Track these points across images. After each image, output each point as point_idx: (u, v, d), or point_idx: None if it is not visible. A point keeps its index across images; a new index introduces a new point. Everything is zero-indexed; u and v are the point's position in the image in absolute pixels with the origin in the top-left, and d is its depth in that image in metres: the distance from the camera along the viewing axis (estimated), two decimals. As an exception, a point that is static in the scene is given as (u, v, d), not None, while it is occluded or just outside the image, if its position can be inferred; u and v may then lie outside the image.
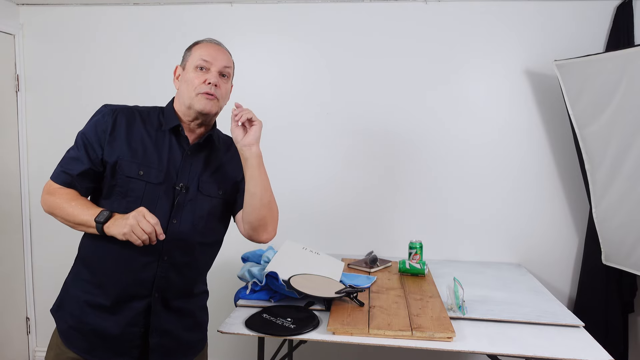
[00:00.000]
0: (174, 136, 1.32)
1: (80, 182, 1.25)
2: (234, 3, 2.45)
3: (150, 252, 1.25)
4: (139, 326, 1.28)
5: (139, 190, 1.25)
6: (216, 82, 1.29)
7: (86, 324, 1.27)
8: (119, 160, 1.25)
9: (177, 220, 1.28)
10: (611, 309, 2.19)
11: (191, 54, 1.34)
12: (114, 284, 1.25)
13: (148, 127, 1.31)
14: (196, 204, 1.31)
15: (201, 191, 1.31)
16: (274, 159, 2.47)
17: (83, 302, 1.27)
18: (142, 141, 1.28)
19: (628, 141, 1.88)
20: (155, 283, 1.27)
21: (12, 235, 2.58)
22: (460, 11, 2.34)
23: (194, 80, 1.29)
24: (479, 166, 2.39)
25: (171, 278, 1.29)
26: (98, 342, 1.27)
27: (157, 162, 1.28)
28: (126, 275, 1.25)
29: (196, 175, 1.32)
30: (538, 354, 1.36)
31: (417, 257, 2.10)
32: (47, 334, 2.70)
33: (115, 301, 1.25)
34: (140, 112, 1.33)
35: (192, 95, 1.28)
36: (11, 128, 2.55)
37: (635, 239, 1.94)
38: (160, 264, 1.27)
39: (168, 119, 1.33)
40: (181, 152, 1.31)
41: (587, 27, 2.27)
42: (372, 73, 2.41)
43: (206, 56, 1.31)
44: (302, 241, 2.20)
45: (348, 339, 1.43)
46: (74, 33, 2.54)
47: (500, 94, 2.36)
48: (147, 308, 1.27)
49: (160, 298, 1.28)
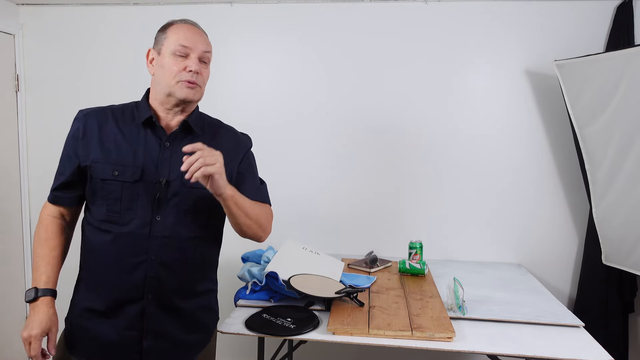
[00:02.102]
0: (149, 129, 1.26)
1: (62, 195, 1.29)
2: (234, 3, 2.45)
3: (138, 253, 1.22)
4: (136, 330, 1.24)
5: (117, 192, 1.21)
6: (197, 69, 1.22)
7: (86, 330, 1.25)
8: (92, 163, 1.22)
9: (160, 216, 1.23)
10: (611, 309, 2.19)
11: (167, 37, 1.25)
12: (107, 288, 1.24)
13: (121, 124, 1.26)
14: (181, 197, 1.24)
15: (185, 183, 1.22)
16: (274, 158, 2.48)
17: (82, 308, 1.26)
18: (115, 140, 1.24)
19: (628, 141, 1.88)
20: (146, 284, 1.23)
21: (12, 235, 2.58)
22: (461, 11, 2.34)
23: (173, 67, 1.21)
24: (479, 166, 2.39)
25: (163, 277, 1.24)
26: (99, 348, 1.25)
27: (132, 159, 1.23)
28: (117, 278, 1.23)
29: (179, 167, 1.17)
30: (538, 354, 1.36)
31: (417, 257, 2.10)
32: (47, 334, 2.72)
33: (111, 306, 1.23)
34: (113, 110, 1.29)
35: (172, 83, 1.22)
36: (11, 128, 2.55)
37: (636, 238, 1.94)
38: (149, 263, 1.22)
39: (141, 111, 1.28)
40: (158, 144, 1.25)
41: (587, 27, 2.27)
42: (372, 73, 2.41)
43: (184, 41, 1.23)
44: (302, 241, 2.20)
45: (348, 339, 1.43)
46: (74, 33, 2.54)
47: (500, 94, 2.36)
48: (142, 311, 1.24)
49: (154, 299, 1.24)
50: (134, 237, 1.22)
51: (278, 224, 2.30)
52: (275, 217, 1.63)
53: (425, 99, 2.39)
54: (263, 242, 2.22)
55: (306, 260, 1.94)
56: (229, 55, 2.46)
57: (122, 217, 1.22)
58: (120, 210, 1.22)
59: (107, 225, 1.23)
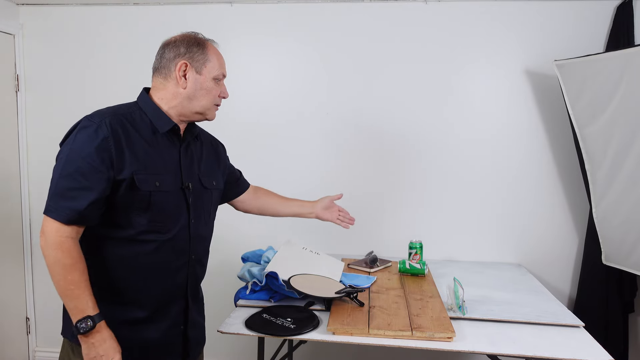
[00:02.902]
0: (164, 136, 1.28)
1: (90, 214, 1.14)
2: (234, 3, 2.45)
3: (182, 254, 1.29)
4: (179, 325, 1.33)
5: (160, 202, 1.22)
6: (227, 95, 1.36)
7: (129, 340, 1.22)
8: (134, 175, 1.17)
9: (194, 219, 1.31)
10: (611, 309, 2.19)
11: (208, 60, 1.28)
12: (149, 296, 1.24)
13: (141, 132, 1.23)
14: (202, 199, 1.34)
15: (203, 185, 1.35)
16: (274, 158, 2.48)
17: (120, 321, 1.21)
18: (144, 149, 1.21)
19: (628, 141, 1.88)
20: (188, 282, 1.32)
21: (12, 235, 2.58)
22: (461, 11, 2.34)
23: (213, 92, 1.31)
24: (479, 166, 2.39)
25: (198, 273, 1.37)
26: (145, 350, 1.27)
27: (163, 168, 1.24)
28: (161, 283, 1.26)
29: (195, 170, 1.34)
30: (538, 354, 1.36)
31: (417, 257, 2.10)
32: (47, 334, 2.73)
33: (155, 310, 1.26)
34: (124, 115, 1.22)
35: (209, 106, 1.31)
36: (11, 128, 2.55)
37: (636, 238, 1.94)
38: (190, 263, 1.32)
39: (160, 121, 1.26)
40: (177, 151, 1.30)
41: (587, 27, 2.27)
42: (372, 73, 2.41)
43: (224, 70, 1.34)
44: (302, 241, 2.20)
45: (348, 339, 1.43)
46: (74, 33, 2.54)
47: (500, 94, 2.36)
48: (185, 307, 1.33)
49: (191, 294, 1.34)
50: (177, 242, 1.28)
51: (278, 223, 2.32)
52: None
53: (425, 98, 2.39)
54: (263, 242, 2.24)
55: (306, 260, 1.94)
56: (229, 56, 2.43)
57: (165, 226, 1.24)
58: (163, 220, 1.24)
59: (148, 236, 1.22)
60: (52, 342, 2.70)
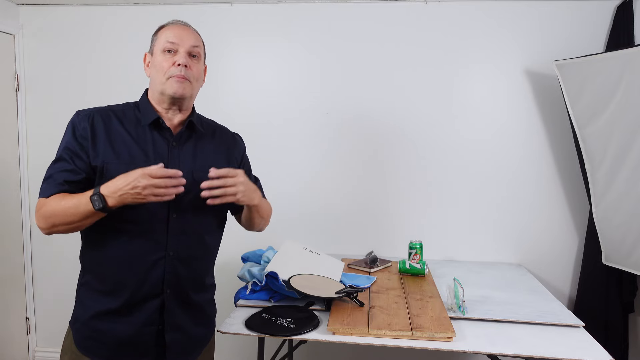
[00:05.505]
0: (155, 130, 1.28)
1: (75, 190, 1.20)
2: (234, 3, 2.45)
3: (156, 249, 1.25)
4: (155, 324, 1.28)
5: None
6: (185, 62, 1.25)
7: (102, 332, 1.25)
8: (105, 164, 1.21)
9: (176, 214, 1.26)
10: (611, 309, 2.19)
11: (157, 38, 1.30)
12: (124, 288, 1.24)
13: (126, 125, 1.26)
14: (192, 194, 1.27)
15: (197, 180, 1.25)
16: (274, 158, 2.48)
17: (95, 312, 1.25)
18: (124, 141, 1.24)
19: (628, 141, 1.88)
20: (165, 280, 1.26)
21: (12, 235, 2.58)
22: (461, 11, 2.34)
23: (163, 64, 1.25)
24: (479, 166, 2.39)
25: (181, 273, 1.28)
26: (117, 347, 1.26)
27: (143, 160, 1.24)
28: (136, 276, 1.24)
29: (188, 165, 1.28)
30: (538, 354, 1.36)
31: (417, 257, 2.10)
32: (47, 334, 2.73)
33: (128, 304, 1.25)
34: (114, 111, 1.29)
35: (163, 80, 1.25)
36: (11, 128, 2.55)
37: (636, 238, 1.94)
38: (167, 260, 1.26)
39: (145, 113, 1.28)
40: (166, 144, 1.28)
41: (587, 27, 2.27)
42: (372, 73, 2.41)
43: (172, 37, 1.26)
44: (302, 241, 2.21)
45: (348, 339, 1.43)
46: (74, 33, 2.54)
47: (500, 94, 2.36)
48: (161, 306, 1.27)
49: (172, 294, 1.28)
50: (152, 235, 1.24)
51: (278, 223, 2.31)
52: (276, 216, 1.64)
53: (425, 98, 2.39)
54: (263, 242, 2.24)
55: (306, 260, 1.94)
56: (230, 55, 2.46)
57: (139, 217, 1.23)
58: (136, 210, 1.22)
59: (122, 225, 1.23)
60: (52, 342, 2.69)
